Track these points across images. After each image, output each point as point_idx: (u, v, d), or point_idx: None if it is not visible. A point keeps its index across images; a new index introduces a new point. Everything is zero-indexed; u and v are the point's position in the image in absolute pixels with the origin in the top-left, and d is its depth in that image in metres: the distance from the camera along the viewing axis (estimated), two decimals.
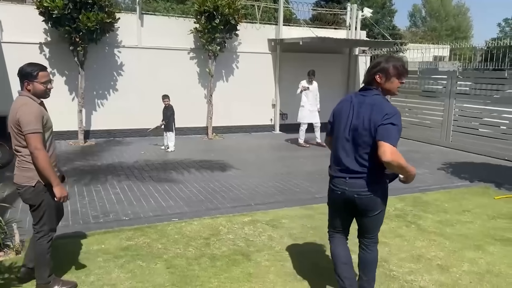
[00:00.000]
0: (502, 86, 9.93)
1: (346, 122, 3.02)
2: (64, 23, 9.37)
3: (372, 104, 2.92)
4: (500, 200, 6.45)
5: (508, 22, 45.91)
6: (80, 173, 7.41)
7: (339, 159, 3.07)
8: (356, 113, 2.97)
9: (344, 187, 3.04)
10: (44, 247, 3.36)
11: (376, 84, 3.00)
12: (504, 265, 4.18)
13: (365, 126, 2.89)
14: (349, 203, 3.07)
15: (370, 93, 3.00)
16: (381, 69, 2.96)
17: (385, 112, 2.84)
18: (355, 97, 3.07)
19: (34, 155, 3.15)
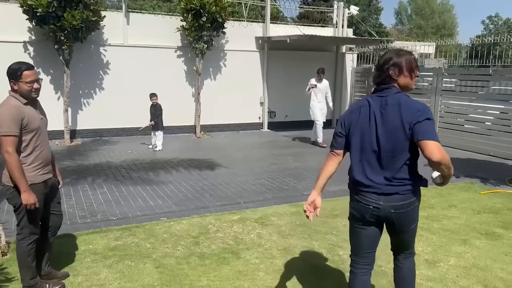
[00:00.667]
0: (487, 83, 10.07)
1: (370, 131, 2.66)
2: (49, 22, 9.25)
3: (397, 104, 2.61)
4: (486, 195, 6.55)
5: (492, 20, 46.51)
6: (67, 173, 7.32)
7: (365, 175, 2.69)
8: (380, 118, 2.64)
9: (377, 203, 2.66)
10: (24, 249, 3.29)
11: (392, 81, 2.70)
12: (489, 259, 4.24)
13: (397, 130, 2.57)
14: (382, 220, 2.74)
15: (389, 92, 2.68)
16: (394, 63, 2.68)
17: (416, 108, 2.57)
18: (372, 100, 2.71)
19: (5, 158, 3.08)
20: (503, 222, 5.34)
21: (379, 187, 2.64)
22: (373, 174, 2.67)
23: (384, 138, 2.62)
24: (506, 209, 5.85)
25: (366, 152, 2.70)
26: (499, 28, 41.47)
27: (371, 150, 2.67)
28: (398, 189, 2.62)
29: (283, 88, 13.14)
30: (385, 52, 2.87)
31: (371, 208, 2.68)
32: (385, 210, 2.65)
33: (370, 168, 2.68)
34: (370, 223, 2.75)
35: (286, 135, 12.16)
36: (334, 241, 4.65)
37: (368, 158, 2.69)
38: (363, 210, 2.72)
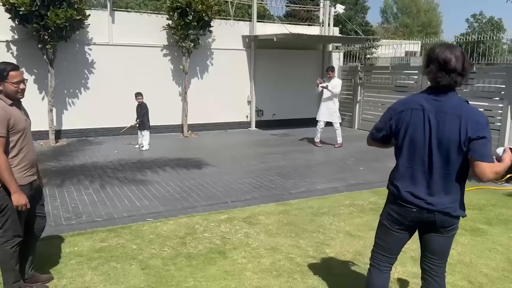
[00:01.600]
0: (471, 80, 10.19)
1: (422, 137, 2.49)
2: (32, 20, 9.11)
3: (458, 114, 2.42)
4: (470, 191, 6.62)
5: (476, 18, 47.13)
6: (52, 174, 7.23)
7: (410, 191, 2.56)
8: (436, 126, 2.45)
9: (421, 205, 2.54)
10: (7, 252, 3.23)
11: (453, 86, 2.47)
12: (474, 255, 4.30)
13: (452, 144, 2.42)
14: (421, 223, 2.63)
15: (450, 98, 2.47)
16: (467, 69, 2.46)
17: (478, 122, 2.40)
18: (427, 102, 2.50)
19: None
20: (487, 218, 5.42)
21: (424, 204, 2.53)
22: (418, 189, 2.54)
23: (437, 148, 2.46)
24: (490, 205, 5.94)
25: (414, 164, 2.55)
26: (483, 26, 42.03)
27: (420, 163, 2.52)
28: (445, 196, 2.52)
29: (271, 86, 13.14)
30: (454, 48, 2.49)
31: (414, 211, 2.57)
32: (428, 212, 2.54)
33: (416, 183, 2.55)
34: (408, 228, 2.67)
35: (274, 134, 12.17)
36: (321, 239, 4.66)
37: (416, 171, 2.54)
38: (404, 213, 2.61)
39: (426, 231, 2.68)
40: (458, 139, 2.40)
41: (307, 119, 14.02)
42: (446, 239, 2.66)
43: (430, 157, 2.49)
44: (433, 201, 2.51)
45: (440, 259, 2.73)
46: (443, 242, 2.68)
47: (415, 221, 2.60)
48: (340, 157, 9.12)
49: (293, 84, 13.53)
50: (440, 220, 2.55)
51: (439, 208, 2.51)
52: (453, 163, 2.46)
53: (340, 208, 5.68)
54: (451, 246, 2.74)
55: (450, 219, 2.56)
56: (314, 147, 10.28)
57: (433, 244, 2.69)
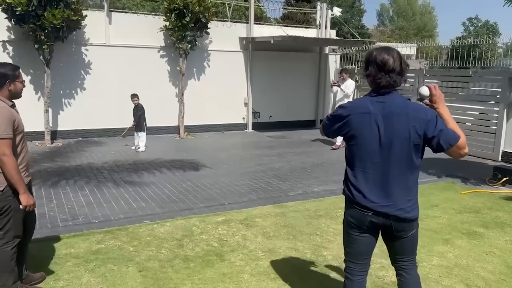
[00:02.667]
0: (467, 84, 10.25)
1: (372, 139, 2.50)
2: (29, 20, 9.06)
3: (404, 112, 2.46)
4: (466, 194, 6.65)
5: (472, 22, 47.40)
6: (48, 175, 7.19)
7: (364, 194, 2.56)
8: (384, 127, 2.47)
9: (375, 209, 2.54)
10: (7, 254, 3.22)
11: (393, 86, 2.52)
12: (471, 258, 4.31)
13: (403, 141, 2.46)
14: (379, 227, 2.63)
15: (393, 98, 2.51)
16: (405, 68, 2.52)
17: (429, 120, 2.45)
18: (372, 105, 2.52)
19: (2, 161, 3.05)
20: (484, 221, 5.44)
21: (378, 207, 2.53)
22: (372, 192, 2.54)
23: (388, 153, 2.48)
24: (487, 209, 5.96)
25: (366, 167, 2.54)
26: (478, 30, 42.28)
27: (372, 166, 2.52)
28: (399, 198, 2.52)
29: (267, 88, 13.15)
30: (390, 49, 2.54)
31: (370, 215, 2.57)
32: (383, 218, 2.55)
33: (369, 184, 2.54)
34: (368, 231, 2.65)
35: (271, 136, 12.17)
36: (318, 241, 4.66)
37: (368, 175, 2.54)
38: (360, 217, 2.61)
39: (386, 237, 2.69)
40: (408, 137, 2.44)
41: (304, 121, 14.07)
42: (409, 240, 2.66)
43: (381, 158, 2.50)
44: (387, 203, 2.52)
45: (409, 256, 2.74)
46: (406, 244, 2.68)
47: (373, 225, 2.60)
48: (336, 159, 9.13)
49: (290, 86, 13.55)
50: (396, 226, 2.56)
51: (393, 210, 2.51)
52: (404, 162, 2.49)
53: (337, 210, 5.68)
54: (417, 241, 2.74)
55: (405, 224, 2.56)
56: (309, 149, 10.28)
57: (398, 248, 2.71)
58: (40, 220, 5.02)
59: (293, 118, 13.74)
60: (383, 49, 2.55)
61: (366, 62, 2.55)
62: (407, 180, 2.53)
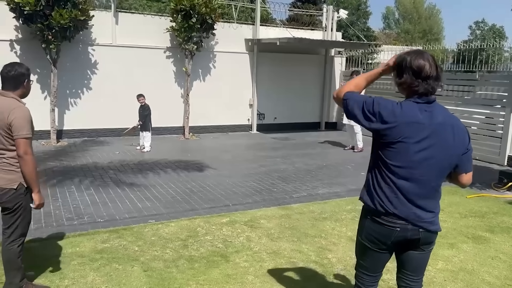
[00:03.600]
0: (473, 88, 10.21)
1: (416, 151, 2.30)
2: (36, 20, 9.12)
3: (450, 124, 2.33)
4: (472, 199, 6.63)
5: (478, 25, 47.22)
6: (53, 174, 7.23)
7: (392, 203, 2.37)
8: (431, 140, 2.30)
9: (405, 224, 2.36)
10: (15, 251, 3.24)
11: (431, 93, 2.34)
12: (476, 263, 4.29)
13: (447, 154, 2.34)
14: (405, 240, 2.43)
15: (437, 107, 2.35)
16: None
17: (465, 130, 2.38)
18: (421, 113, 2.30)
19: (24, 160, 3.09)
20: (489, 226, 5.41)
21: (412, 219, 2.37)
22: (406, 201, 2.36)
23: (429, 163, 2.31)
24: (492, 213, 5.93)
25: (401, 174, 2.34)
26: (485, 33, 42.12)
27: (409, 173, 2.33)
28: (429, 209, 2.40)
29: (272, 90, 13.16)
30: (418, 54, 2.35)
31: (398, 230, 2.37)
32: (413, 230, 2.38)
33: (403, 194, 2.35)
34: (391, 248, 2.49)
35: (275, 137, 12.17)
36: (323, 244, 4.65)
37: (401, 182, 2.35)
38: (387, 233, 2.41)
39: (405, 249, 2.53)
40: (454, 149, 2.34)
41: (309, 123, 14.06)
42: (426, 255, 2.56)
43: (421, 170, 2.32)
44: (420, 216, 2.38)
45: (419, 275, 2.61)
46: (422, 259, 2.56)
47: (398, 240, 2.43)
48: (340, 162, 9.12)
49: (294, 88, 13.55)
50: (424, 239, 2.43)
51: (425, 224, 2.38)
52: (442, 175, 2.41)
53: (341, 213, 5.68)
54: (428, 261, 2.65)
55: (433, 235, 2.46)
56: (313, 151, 10.27)
57: (413, 262, 2.56)
58: (45, 219, 5.07)
59: (297, 120, 13.74)
60: (417, 53, 2.35)
61: (399, 68, 2.36)
62: (438, 193, 2.44)
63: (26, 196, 3.21)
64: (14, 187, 3.14)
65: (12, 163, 3.14)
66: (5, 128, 3.08)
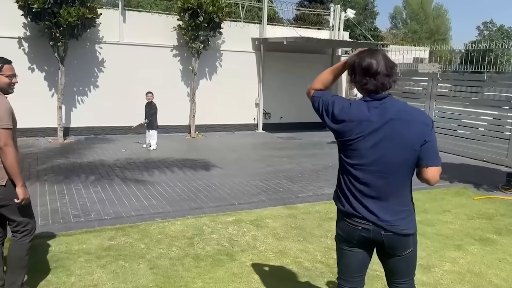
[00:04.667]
0: (481, 89, 10.14)
1: (370, 149, 2.31)
2: (44, 18, 9.18)
3: (405, 119, 2.30)
4: (479, 200, 6.59)
5: (486, 26, 46.92)
6: (60, 171, 7.26)
7: (355, 203, 2.38)
8: (385, 136, 2.28)
9: (367, 224, 2.36)
10: (25, 247, 3.17)
11: (382, 89, 2.36)
12: (483, 265, 4.26)
13: (402, 150, 2.28)
14: (372, 242, 2.42)
15: (389, 103, 2.34)
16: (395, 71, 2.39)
17: (424, 121, 2.31)
18: (369, 110, 2.32)
19: (4, 152, 2.96)
20: (497, 228, 5.37)
21: (372, 219, 2.34)
22: (366, 201, 2.35)
23: (386, 160, 2.29)
24: (499, 215, 5.89)
25: (360, 174, 2.35)
26: (492, 34, 41.84)
27: (368, 172, 2.33)
28: (391, 209, 2.34)
29: (279, 89, 13.15)
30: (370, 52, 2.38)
31: (360, 229, 2.38)
32: (375, 232, 2.34)
33: (363, 193, 2.36)
34: (359, 246, 2.45)
35: (281, 137, 12.16)
36: (329, 244, 4.64)
37: (362, 181, 2.35)
38: (350, 232, 2.43)
39: (380, 254, 2.48)
40: (412, 143, 2.27)
41: (314, 123, 14.00)
42: (403, 260, 2.43)
43: (379, 168, 2.30)
44: (381, 216, 2.33)
45: (403, 278, 2.50)
46: (400, 264, 2.45)
47: (364, 239, 2.40)
48: None
49: (301, 87, 13.45)
50: (388, 243, 2.35)
51: (386, 224, 2.31)
52: (405, 172, 2.33)
53: None
54: (415, 263, 2.50)
55: (400, 237, 2.34)
56: (319, 151, 10.26)
57: (392, 267, 2.48)
58: (52, 216, 5.10)
59: (303, 119, 13.70)
60: (367, 52, 2.39)
61: (352, 69, 2.40)
62: (405, 191, 2.37)
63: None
64: (2, 183, 3.03)
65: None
66: None
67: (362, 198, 2.36)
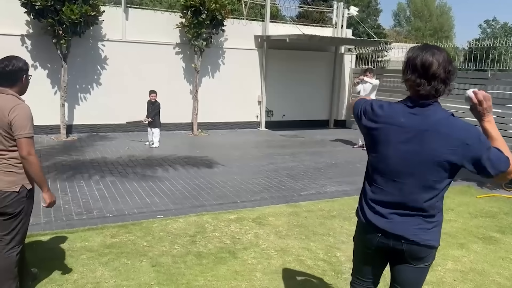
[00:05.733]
0: (484, 87, 10.09)
1: (396, 157, 2.18)
2: (47, 15, 9.17)
3: (437, 130, 2.10)
4: (482, 199, 6.56)
5: (489, 24, 46.68)
6: (63, 169, 7.27)
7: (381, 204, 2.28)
8: (412, 146, 2.13)
9: (387, 232, 2.24)
10: (13, 260, 3.04)
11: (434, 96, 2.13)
12: (487, 264, 4.25)
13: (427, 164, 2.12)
14: (388, 248, 2.29)
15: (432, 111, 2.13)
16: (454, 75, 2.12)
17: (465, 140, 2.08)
18: (404, 116, 2.16)
19: (28, 161, 2.92)
20: (500, 226, 5.35)
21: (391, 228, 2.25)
22: (379, 211, 2.26)
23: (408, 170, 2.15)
24: (503, 214, 5.87)
25: (383, 182, 2.25)
26: (496, 32, 41.64)
27: (390, 182, 2.21)
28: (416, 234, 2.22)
29: (281, 87, 13.12)
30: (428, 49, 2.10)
31: (379, 236, 2.26)
32: (394, 240, 2.23)
33: (384, 203, 2.25)
34: (377, 253, 2.35)
35: (284, 135, 12.14)
36: (331, 242, 4.63)
37: (385, 190, 2.24)
38: (369, 238, 2.32)
39: (396, 261, 2.36)
40: (434, 159, 2.08)
41: (317, 121, 14.01)
42: (418, 271, 2.32)
43: (402, 178, 2.17)
44: (402, 225, 2.23)
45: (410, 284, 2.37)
46: (412, 274, 2.33)
47: (381, 247, 2.31)
48: (349, 160, 9.08)
49: (304, 85, 13.50)
50: (407, 246, 2.23)
51: (408, 234, 2.20)
52: (424, 185, 2.15)
53: (350, 211, 5.64)
54: (424, 280, 2.39)
55: (421, 248, 2.23)
56: (322, 149, 10.24)
57: (402, 275, 2.36)
58: (55, 213, 5.10)
59: (306, 117, 13.70)
60: (426, 49, 2.12)
61: (405, 64, 2.16)
62: (426, 203, 2.18)
63: (28, 200, 3.07)
64: (16, 190, 2.97)
65: (13, 164, 2.97)
66: (5, 128, 2.89)
67: (380, 207, 2.30)
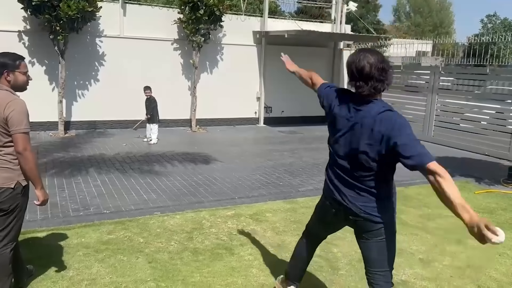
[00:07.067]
0: (484, 82, 10.07)
1: (341, 142, 2.57)
2: (44, 11, 9.13)
3: (372, 118, 2.38)
4: (480, 194, 6.55)
5: (490, 19, 46.54)
6: (60, 165, 7.26)
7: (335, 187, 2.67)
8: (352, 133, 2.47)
9: (339, 203, 2.62)
10: (6, 256, 3.01)
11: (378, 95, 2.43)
12: (484, 259, 4.24)
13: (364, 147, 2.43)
14: (342, 213, 2.63)
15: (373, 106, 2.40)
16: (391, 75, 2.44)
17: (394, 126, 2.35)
18: (349, 109, 2.49)
19: (24, 156, 2.90)
20: (497, 222, 5.34)
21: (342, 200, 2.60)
22: (333, 186, 2.65)
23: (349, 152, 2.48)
24: (501, 209, 5.86)
25: (333, 161, 2.65)
26: (496, 27, 41.52)
27: (337, 162, 2.60)
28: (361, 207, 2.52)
29: (280, 83, 13.08)
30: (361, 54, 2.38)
31: (334, 210, 2.69)
32: (346, 208, 2.58)
33: (335, 180, 2.64)
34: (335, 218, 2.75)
35: (282, 131, 12.12)
36: (328, 239, 4.52)
37: (335, 169, 2.64)
38: (327, 208, 2.78)
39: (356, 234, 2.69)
40: (368, 143, 2.37)
41: (316, 117, 13.95)
42: (370, 245, 2.56)
43: (344, 159, 2.53)
44: (349, 199, 2.57)
45: (374, 268, 2.57)
46: (368, 248, 2.60)
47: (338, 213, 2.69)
48: None
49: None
50: (359, 223, 2.58)
51: (352, 206, 2.54)
52: (362, 166, 2.44)
53: None
54: (387, 255, 2.55)
55: (366, 223, 2.51)
56: (320, 145, 10.20)
57: (362, 251, 2.66)
58: (52, 210, 5.09)
59: (305, 113, 13.66)
60: (360, 53, 2.38)
61: (347, 70, 2.47)
62: (364, 182, 2.47)
63: (23, 196, 3.04)
64: (11, 186, 2.95)
65: (9, 160, 2.95)
66: (1, 123, 2.86)
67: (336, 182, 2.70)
